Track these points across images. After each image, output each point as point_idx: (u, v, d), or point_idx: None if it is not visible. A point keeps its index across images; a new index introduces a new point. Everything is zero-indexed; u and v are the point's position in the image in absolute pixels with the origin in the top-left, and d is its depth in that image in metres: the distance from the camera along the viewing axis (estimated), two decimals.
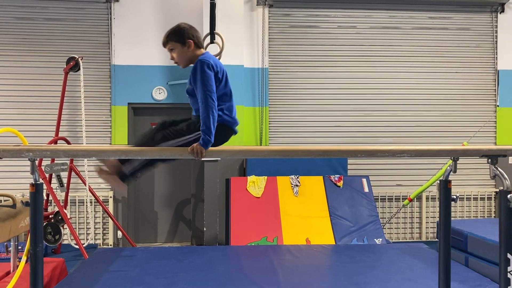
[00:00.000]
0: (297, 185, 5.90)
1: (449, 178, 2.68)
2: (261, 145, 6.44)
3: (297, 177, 5.96)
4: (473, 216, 6.76)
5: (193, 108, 2.69)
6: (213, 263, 4.28)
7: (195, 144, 2.41)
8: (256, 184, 5.82)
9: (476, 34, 6.89)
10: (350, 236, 5.52)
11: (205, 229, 5.97)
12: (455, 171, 2.65)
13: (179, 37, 2.60)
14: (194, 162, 6.47)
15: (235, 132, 2.73)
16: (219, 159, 5.99)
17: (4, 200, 4.88)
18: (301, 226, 5.56)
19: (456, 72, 6.84)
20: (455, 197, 2.70)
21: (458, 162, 2.64)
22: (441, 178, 2.71)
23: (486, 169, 6.71)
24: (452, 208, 2.76)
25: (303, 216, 5.66)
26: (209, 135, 2.41)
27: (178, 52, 2.63)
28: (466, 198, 6.75)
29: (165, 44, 2.67)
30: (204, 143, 2.41)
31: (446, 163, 6.13)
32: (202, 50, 2.66)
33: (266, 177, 5.90)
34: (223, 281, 3.75)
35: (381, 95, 6.72)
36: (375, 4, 6.73)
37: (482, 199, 6.78)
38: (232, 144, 6.58)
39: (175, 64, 2.72)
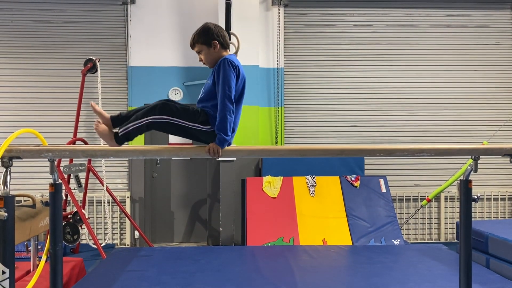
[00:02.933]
0: (313, 185, 5.86)
1: (470, 178, 2.63)
2: (276, 145, 6.42)
3: (313, 177, 5.93)
4: (493, 217, 6.63)
5: (199, 101, 2.58)
6: (230, 264, 4.27)
7: (211, 144, 2.40)
8: (272, 185, 5.81)
9: (496, 32, 6.76)
10: (367, 237, 5.46)
11: (221, 229, 5.98)
12: (476, 171, 2.59)
13: (205, 38, 2.57)
14: (210, 163, 6.49)
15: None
16: (235, 159, 5.99)
17: (24, 200, 4.96)
18: (317, 227, 5.52)
19: (475, 70, 6.72)
20: (476, 197, 2.65)
21: (478, 161, 2.58)
22: (461, 178, 2.66)
23: (506, 168, 6.59)
24: (472, 208, 2.70)
25: (320, 216, 5.62)
26: (225, 134, 2.39)
27: (205, 53, 2.60)
28: (486, 198, 6.62)
29: (192, 46, 2.63)
30: (220, 142, 2.39)
31: (466, 163, 6.03)
32: (229, 52, 2.64)
33: (282, 177, 5.88)
34: (240, 281, 3.75)
35: (398, 94, 6.64)
36: (392, 2, 6.66)
37: (503, 199, 6.65)
38: (248, 144, 6.58)
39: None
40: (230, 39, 5.15)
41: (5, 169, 2.20)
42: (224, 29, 2.65)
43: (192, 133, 2.49)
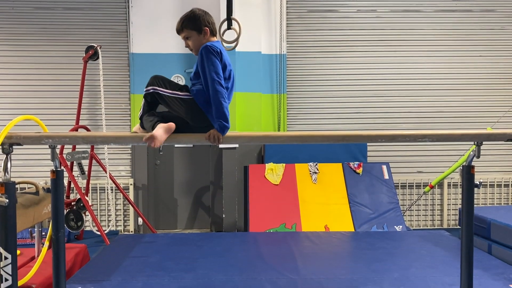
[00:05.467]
0: (315, 172, 5.86)
1: (472, 164, 2.62)
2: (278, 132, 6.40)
3: (316, 164, 5.92)
4: (496, 203, 6.62)
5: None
6: (232, 250, 4.30)
7: (212, 130, 2.40)
8: (274, 172, 5.81)
9: (502, 16, 6.66)
10: (369, 223, 5.47)
11: (224, 216, 6.00)
12: (478, 157, 2.58)
13: (195, 24, 2.52)
14: (212, 150, 6.49)
15: None
16: (237, 146, 5.98)
17: (28, 187, 4.98)
18: (320, 213, 5.53)
19: (480, 56, 6.64)
20: (478, 183, 2.64)
21: (481, 147, 2.57)
22: (463, 164, 2.65)
23: (509, 154, 6.57)
24: (474, 194, 2.69)
25: (322, 203, 5.63)
26: (225, 120, 2.38)
27: (194, 40, 2.55)
28: (489, 184, 6.60)
29: (179, 31, 2.57)
30: (220, 129, 2.39)
31: (469, 149, 6.00)
32: (215, 38, 2.61)
33: (284, 164, 5.87)
34: (242, 267, 3.77)
35: (402, 80, 6.59)
36: None
37: (506, 185, 6.63)
38: (250, 131, 6.55)
39: (191, 52, 2.67)
40: (231, 25, 5.14)
41: (5, 156, 2.20)
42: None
43: (172, 104, 2.48)
